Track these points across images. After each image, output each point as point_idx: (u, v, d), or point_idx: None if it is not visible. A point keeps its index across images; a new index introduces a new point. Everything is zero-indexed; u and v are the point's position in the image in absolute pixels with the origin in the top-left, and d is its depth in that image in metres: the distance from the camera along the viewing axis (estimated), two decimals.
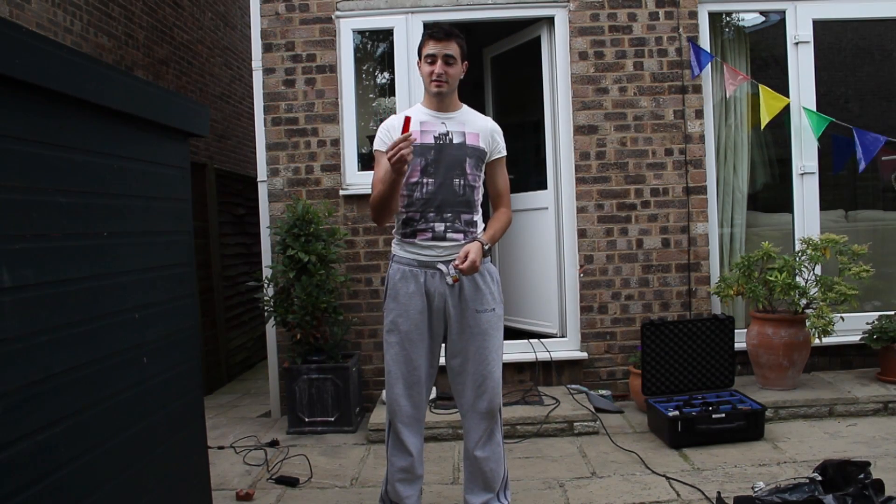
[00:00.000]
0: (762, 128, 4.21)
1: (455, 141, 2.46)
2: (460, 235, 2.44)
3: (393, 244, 2.53)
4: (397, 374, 2.46)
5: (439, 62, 2.39)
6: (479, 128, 2.51)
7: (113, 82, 1.76)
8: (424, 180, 2.42)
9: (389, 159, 2.19)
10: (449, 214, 2.43)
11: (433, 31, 2.41)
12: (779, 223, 4.58)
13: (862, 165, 4.13)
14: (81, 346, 1.61)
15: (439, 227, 2.43)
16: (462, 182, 2.45)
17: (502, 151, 2.57)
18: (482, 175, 2.53)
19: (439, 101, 2.47)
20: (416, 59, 2.52)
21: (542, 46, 4.44)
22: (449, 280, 2.38)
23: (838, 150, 4.31)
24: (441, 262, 2.42)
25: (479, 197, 2.52)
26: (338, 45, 4.25)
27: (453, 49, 2.41)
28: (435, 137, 2.45)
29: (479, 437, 2.47)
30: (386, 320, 2.48)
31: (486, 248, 2.38)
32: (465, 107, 2.56)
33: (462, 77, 2.50)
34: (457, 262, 2.28)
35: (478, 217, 2.52)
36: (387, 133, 2.47)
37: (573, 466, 3.21)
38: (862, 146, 4.11)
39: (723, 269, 4.34)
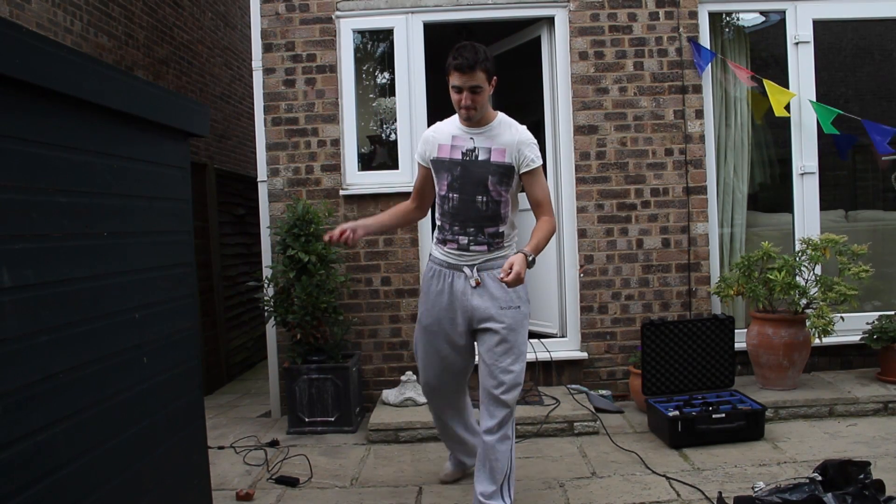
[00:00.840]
0: (777, 114, 4.13)
1: (480, 157, 2.55)
2: (484, 247, 2.59)
3: (432, 243, 2.75)
4: (424, 362, 2.78)
5: (465, 93, 2.46)
6: (505, 143, 2.56)
7: (113, 82, 1.76)
8: (451, 195, 2.58)
9: (330, 238, 2.50)
10: (472, 229, 2.58)
11: (459, 63, 2.43)
12: (779, 223, 4.58)
13: (880, 149, 4.03)
14: (81, 346, 1.61)
15: (463, 240, 2.60)
16: (485, 199, 2.56)
17: (533, 163, 2.56)
18: (512, 187, 2.59)
19: (467, 121, 2.57)
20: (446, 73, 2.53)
21: (542, 46, 4.44)
22: (472, 283, 2.57)
23: (840, 145, 4.30)
24: (466, 265, 2.59)
25: (508, 209, 2.62)
26: (338, 45, 4.25)
27: (479, 79, 2.45)
28: (462, 153, 2.56)
29: (492, 426, 2.56)
30: (418, 312, 2.77)
31: (531, 258, 2.39)
32: (498, 117, 2.61)
33: (492, 91, 2.57)
34: (502, 276, 2.33)
35: (504, 228, 2.62)
36: (422, 146, 2.68)
37: (573, 466, 3.21)
38: (874, 135, 4.05)
39: (723, 269, 4.34)
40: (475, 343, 2.69)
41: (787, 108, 4.22)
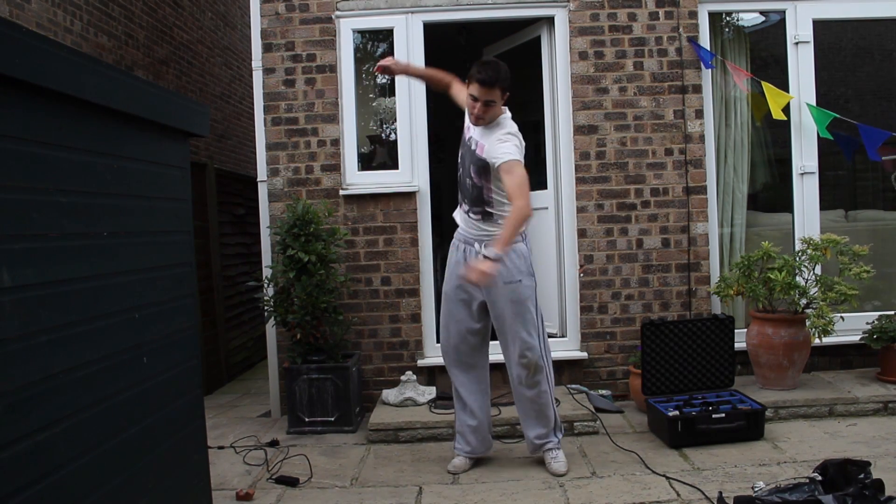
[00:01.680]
0: (775, 117, 4.15)
1: (472, 147, 2.96)
2: (479, 216, 3.01)
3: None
4: (445, 328, 3.13)
5: (480, 104, 2.85)
6: (487, 141, 2.90)
7: (113, 82, 1.76)
8: (459, 169, 3.04)
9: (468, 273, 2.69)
10: (465, 205, 3.05)
11: (482, 78, 2.80)
12: (779, 223, 4.57)
13: (871, 156, 4.08)
14: (81, 346, 1.61)
15: (465, 207, 3.06)
16: (471, 182, 2.99)
17: (497, 160, 2.83)
18: (492, 179, 2.92)
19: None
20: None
21: (542, 46, 4.43)
22: (480, 256, 2.86)
23: (844, 145, 4.30)
24: (476, 241, 3.01)
25: (491, 197, 2.96)
26: (338, 44, 4.25)
27: (495, 95, 2.85)
28: (467, 139, 2.98)
29: (523, 378, 3.02)
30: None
31: (494, 257, 2.68)
32: (502, 117, 2.96)
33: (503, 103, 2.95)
34: (462, 272, 2.83)
35: (492, 209, 2.97)
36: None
37: (573, 466, 3.20)
38: (867, 141, 4.09)
39: (723, 269, 4.34)
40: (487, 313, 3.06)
41: (787, 108, 4.22)
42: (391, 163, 4.36)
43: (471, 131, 2.97)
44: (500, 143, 2.86)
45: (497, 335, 3.10)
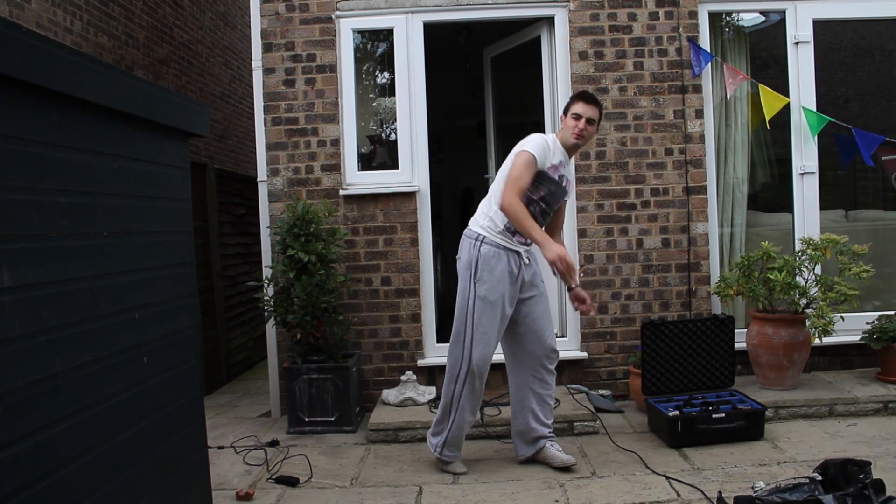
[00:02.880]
0: (767, 126, 4.19)
1: (563, 185, 3.15)
2: (530, 243, 3.12)
3: (483, 228, 3.08)
4: (491, 334, 3.06)
5: (583, 121, 3.05)
6: (571, 175, 3.28)
7: (113, 82, 1.76)
8: (540, 203, 3.09)
9: (556, 263, 2.93)
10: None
11: (585, 95, 3.11)
12: (779, 223, 4.57)
13: (866, 157, 4.11)
14: (81, 346, 1.61)
15: (524, 238, 3.09)
16: (551, 212, 3.22)
17: (572, 197, 3.62)
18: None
19: (571, 148, 3.13)
20: (562, 112, 3.20)
21: (542, 46, 4.43)
22: (526, 260, 3.13)
23: (843, 148, 4.31)
24: (524, 250, 3.11)
25: None
26: (338, 44, 4.25)
27: (596, 114, 3.10)
28: (559, 177, 3.11)
29: (546, 378, 3.20)
30: (479, 289, 3.04)
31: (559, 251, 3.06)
32: None
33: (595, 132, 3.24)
34: (589, 311, 3.30)
35: None
36: (543, 152, 3.03)
37: (573, 466, 3.20)
38: (862, 145, 4.11)
39: (723, 269, 4.33)
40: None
41: (787, 109, 4.22)
42: (391, 163, 4.36)
43: (562, 169, 3.12)
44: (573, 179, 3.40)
45: (522, 335, 3.17)
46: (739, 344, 3.98)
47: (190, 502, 2.17)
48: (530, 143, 3.05)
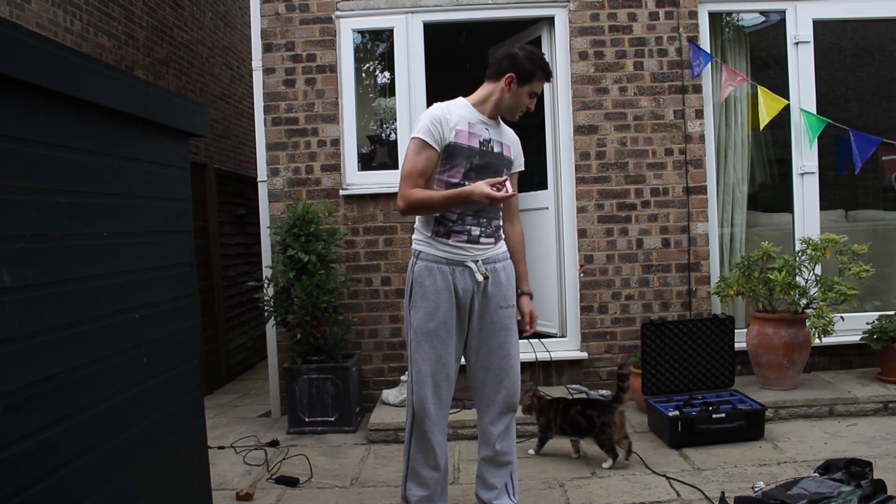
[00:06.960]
0: (762, 129, 4.22)
1: (495, 150, 2.47)
2: (491, 239, 2.48)
3: (417, 241, 2.49)
4: (427, 373, 2.43)
5: (535, 101, 2.49)
6: (510, 140, 2.55)
7: (113, 82, 1.76)
8: (466, 183, 2.38)
9: (488, 196, 2.19)
10: (484, 220, 2.45)
11: (549, 72, 2.45)
12: (779, 223, 4.58)
13: (858, 166, 4.13)
14: (81, 346, 1.61)
15: (475, 230, 2.44)
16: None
17: (522, 166, 2.61)
18: None
19: (493, 111, 2.47)
20: (510, 76, 2.41)
21: (542, 46, 4.43)
22: (479, 277, 2.41)
23: (841, 150, 4.31)
24: (470, 260, 2.42)
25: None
26: (338, 44, 4.25)
27: None
28: (479, 142, 2.43)
29: (500, 433, 2.54)
30: (413, 318, 2.44)
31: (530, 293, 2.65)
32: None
33: None
34: (528, 330, 2.57)
35: (501, 220, 2.57)
36: (436, 126, 2.38)
37: (573, 466, 3.21)
38: (858, 147, 4.12)
39: (723, 269, 4.34)
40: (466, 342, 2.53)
41: (787, 109, 4.22)
42: (391, 163, 4.36)
43: (479, 131, 2.43)
44: (520, 149, 2.59)
45: (472, 373, 2.56)
46: (739, 344, 3.98)
47: (190, 502, 2.17)
48: (415, 128, 2.43)
